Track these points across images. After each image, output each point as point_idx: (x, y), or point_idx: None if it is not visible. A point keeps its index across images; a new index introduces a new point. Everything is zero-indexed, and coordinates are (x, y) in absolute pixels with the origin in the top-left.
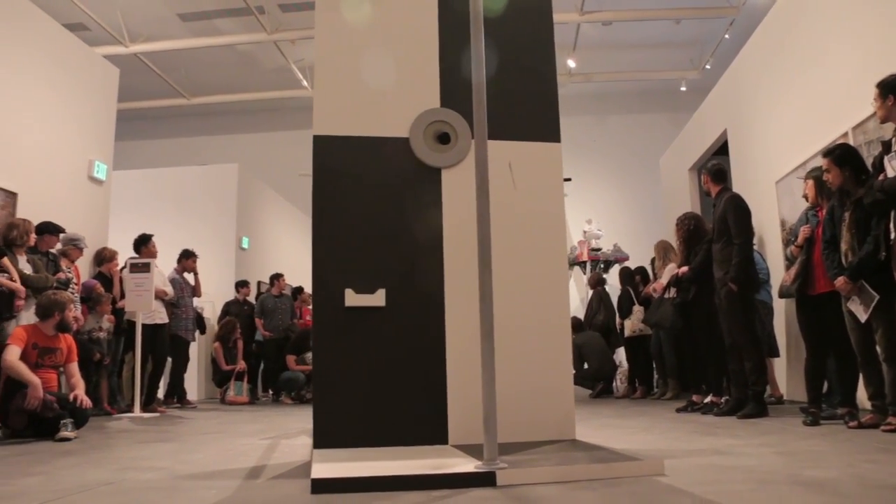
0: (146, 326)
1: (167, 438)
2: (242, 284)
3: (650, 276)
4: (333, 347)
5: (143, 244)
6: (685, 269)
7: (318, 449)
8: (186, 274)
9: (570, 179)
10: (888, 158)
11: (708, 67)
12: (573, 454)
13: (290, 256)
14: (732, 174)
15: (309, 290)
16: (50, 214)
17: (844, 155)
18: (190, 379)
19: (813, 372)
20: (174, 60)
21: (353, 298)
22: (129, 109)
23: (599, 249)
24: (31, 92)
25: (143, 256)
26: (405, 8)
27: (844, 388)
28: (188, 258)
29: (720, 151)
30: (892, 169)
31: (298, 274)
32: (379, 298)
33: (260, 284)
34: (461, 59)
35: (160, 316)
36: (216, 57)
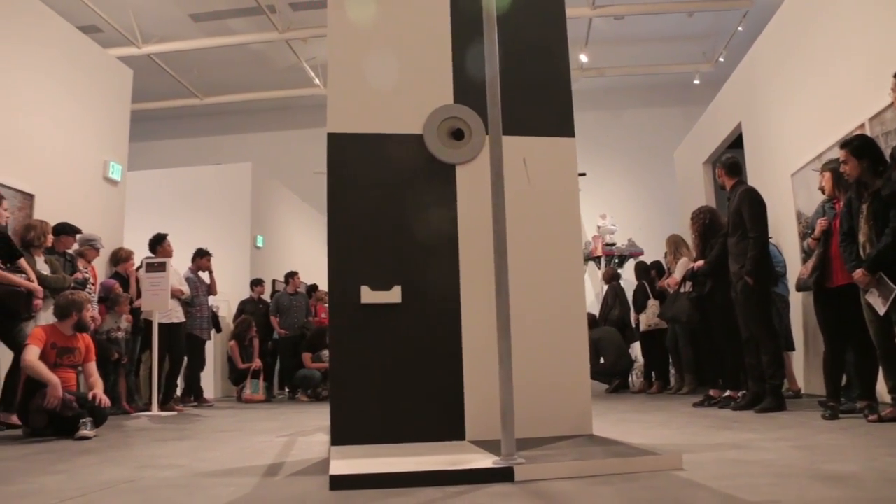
0: (163, 325)
1: (185, 436)
2: (257, 283)
3: (665, 270)
4: (350, 344)
5: (158, 244)
6: (700, 263)
7: (335, 446)
8: (201, 273)
9: (584, 174)
10: None
11: (721, 60)
12: (591, 449)
13: (304, 254)
14: (747, 167)
15: (324, 287)
16: (66, 215)
17: (862, 146)
18: (206, 377)
19: (831, 365)
20: (187, 61)
21: (368, 295)
22: (142, 110)
23: (614, 244)
24: (46, 94)
25: (158, 256)
26: (417, 4)
27: (863, 381)
28: (202, 257)
29: (735, 144)
30: None
31: (313, 272)
32: (395, 295)
33: (275, 283)
34: (474, 54)
35: (176, 315)
36: (228, 57)
